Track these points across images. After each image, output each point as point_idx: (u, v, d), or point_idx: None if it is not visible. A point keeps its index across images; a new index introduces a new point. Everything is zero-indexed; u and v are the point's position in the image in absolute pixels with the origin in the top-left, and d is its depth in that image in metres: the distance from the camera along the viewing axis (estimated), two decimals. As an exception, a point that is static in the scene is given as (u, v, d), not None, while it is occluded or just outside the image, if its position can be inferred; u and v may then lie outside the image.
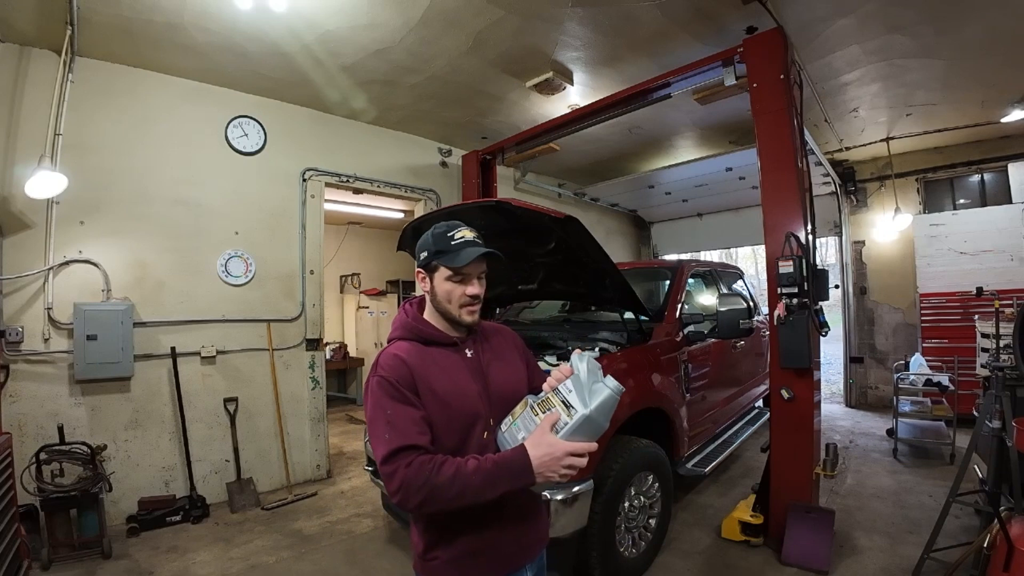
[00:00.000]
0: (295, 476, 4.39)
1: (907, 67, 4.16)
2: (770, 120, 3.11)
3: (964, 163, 6.18)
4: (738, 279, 5.25)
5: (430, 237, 1.34)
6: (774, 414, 3.13)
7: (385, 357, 1.26)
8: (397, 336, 1.35)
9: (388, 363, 1.24)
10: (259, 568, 3.02)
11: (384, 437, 1.15)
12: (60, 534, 3.05)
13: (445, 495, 1.10)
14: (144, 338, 3.73)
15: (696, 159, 5.96)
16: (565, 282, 3.36)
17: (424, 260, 1.33)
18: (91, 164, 3.58)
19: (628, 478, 2.69)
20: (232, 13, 3.16)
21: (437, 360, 1.29)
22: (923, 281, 5.94)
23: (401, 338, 1.33)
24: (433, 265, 1.31)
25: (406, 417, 1.17)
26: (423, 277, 1.35)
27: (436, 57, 3.84)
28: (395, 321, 1.39)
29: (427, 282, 1.34)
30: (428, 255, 1.32)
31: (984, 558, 2.18)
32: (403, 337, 1.33)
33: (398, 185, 5.38)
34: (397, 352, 1.26)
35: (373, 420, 1.20)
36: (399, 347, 1.29)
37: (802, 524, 2.89)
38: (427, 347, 1.30)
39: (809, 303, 2.96)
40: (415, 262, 1.39)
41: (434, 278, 1.32)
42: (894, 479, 4.08)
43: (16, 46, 3.36)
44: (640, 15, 3.39)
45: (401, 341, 1.32)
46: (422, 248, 1.34)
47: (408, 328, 1.34)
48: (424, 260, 1.33)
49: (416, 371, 1.23)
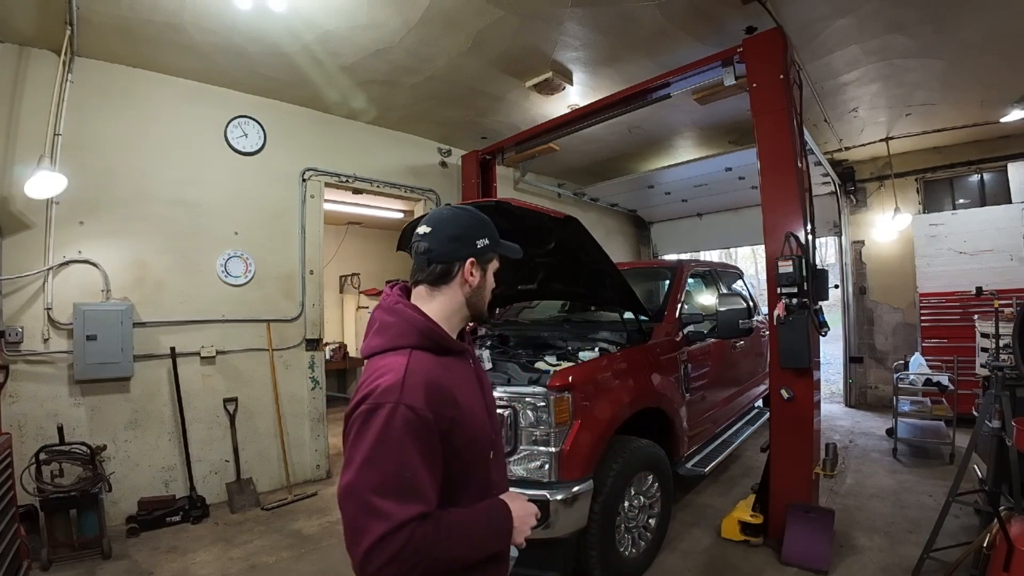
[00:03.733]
0: (295, 476, 4.39)
1: (907, 67, 4.17)
2: (770, 120, 3.12)
3: (963, 163, 6.18)
4: (738, 279, 5.25)
5: (477, 222, 1.14)
6: (774, 414, 3.13)
7: (415, 379, 0.95)
8: (413, 344, 1.03)
9: (423, 389, 0.95)
10: (259, 568, 3.02)
11: (395, 494, 0.88)
12: (60, 534, 3.04)
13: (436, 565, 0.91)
14: (144, 338, 3.73)
15: (696, 159, 5.96)
16: (565, 282, 3.36)
17: (482, 248, 1.12)
18: (91, 164, 3.58)
19: (628, 478, 2.69)
20: (232, 13, 3.16)
21: (456, 374, 1.07)
22: (922, 281, 5.94)
23: (418, 347, 1.03)
24: (489, 256, 1.15)
25: (426, 475, 0.92)
26: (475, 269, 1.12)
27: (436, 57, 3.84)
28: (399, 321, 1.07)
29: (476, 275, 1.12)
30: (490, 243, 1.13)
31: (984, 558, 2.19)
32: (420, 346, 1.03)
33: (398, 185, 5.38)
34: (427, 371, 0.98)
35: (377, 463, 0.89)
36: (423, 362, 1.00)
37: (802, 524, 2.89)
38: (441, 357, 1.06)
39: (809, 303, 2.96)
40: (468, 248, 1.11)
41: (487, 270, 1.15)
42: (894, 479, 4.09)
43: (16, 46, 3.35)
44: (640, 15, 3.39)
45: (419, 351, 1.02)
46: (477, 234, 1.12)
47: (426, 334, 1.05)
48: (482, 248, 1.12)
49: (450, 396, 1.00)
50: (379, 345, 1.06)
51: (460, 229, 1.12)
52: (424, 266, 1.10)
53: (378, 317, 1.10)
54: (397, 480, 0.89)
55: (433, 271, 1.10)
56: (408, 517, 0.87)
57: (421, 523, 0.88)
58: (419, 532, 0.88)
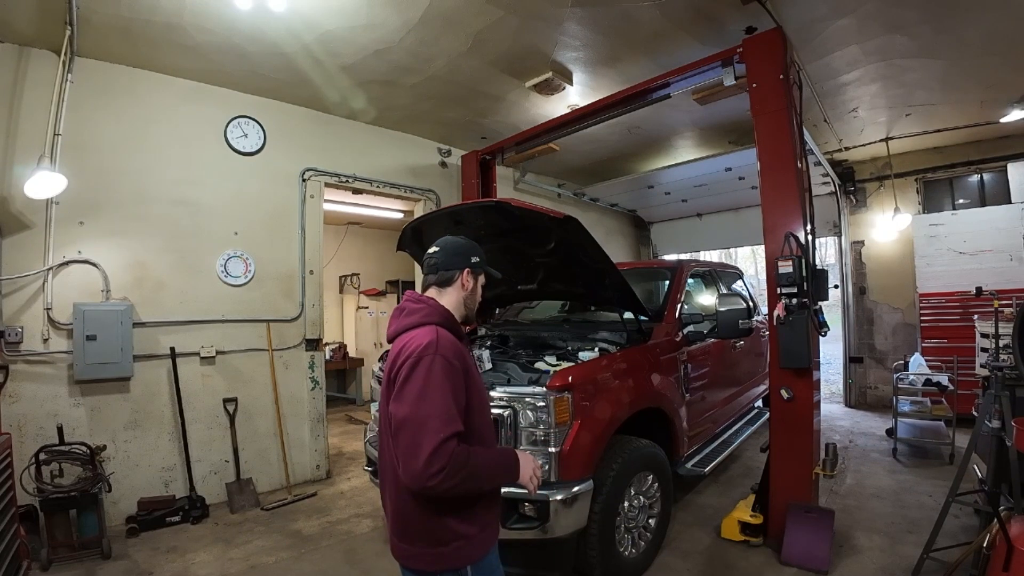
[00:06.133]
0: (295, 476, 4.39)
1: (906, 67, 4.17)
2: (769, 120, 3.12)
3: (963, 163, 6.18)
4: (737, 279, 5.25)
5: (473, 246, 1.56)
6: (774, 414, 3.13)
7: (446, 340, 1.33)
8: (440, 322, 1.39)
9: (452, 348, 1.32)
10: (259, 568, 3.02)
11: (442, 417, 1.21)
12: (59, 535, 3.04)
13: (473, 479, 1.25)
14: (143, 338, 3.73)
15: (695, 159, 5.96)
16: (565, 282, 3.36)
17: (476, 263, 1.54)
18: (90, 164, 3.58)
19: (628, 478, 2.69)
20: (231, 13, 3.16)
21: (468, 354, 1.42)
22: (922, 281, 5.94)
23: (443, 325, 1.39)
24: (479, 270, 1.56)
25: (459, 404, 1.27)
26: (469, 276, 1.53)
27: (435, 57, 3.84)
28: (426, 307, 1.43)
29: (470, 282, 1.53)
30: (480, 261, 1.56)
31: (984, 558, 2.19)
32: (444, 325, 1.40)
33: (397, 185, 5.38)
34: (451, 339, 1.35)
35: (427, 397, 1.24)
36: (447, 334, 1.36)
37: (802, 524, 2.89)
38: (455, 338, 1.40)
39: (809, 303, 2.96)
40: (465, 261, 1.53)
41: (478, 280, 1.56)
42: (893, 479, 4.09)
43: (15, 46, 3.36)
44: (640, 15, 3.39)
45: (444, 329, 1.38)
46: (473, 253, 1.55)
47: (447, 317, 1.43)
48: (476, 263, 1.54)
49: (466, 362, 1.35)
50: (410, 323, 1.40)
51: (460, 248, 1.55)
52: (433, 272, 1.52)
53: (406, 305, 1.46)
54: (443, 409, 1.23)
55: (441, 275, 1.51)
56: (453, 432, 1.21)
57: (459, 441, 1.22)
58: (460, 448, 1.22)
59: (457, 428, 1.22)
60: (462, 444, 1.23)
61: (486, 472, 1.31)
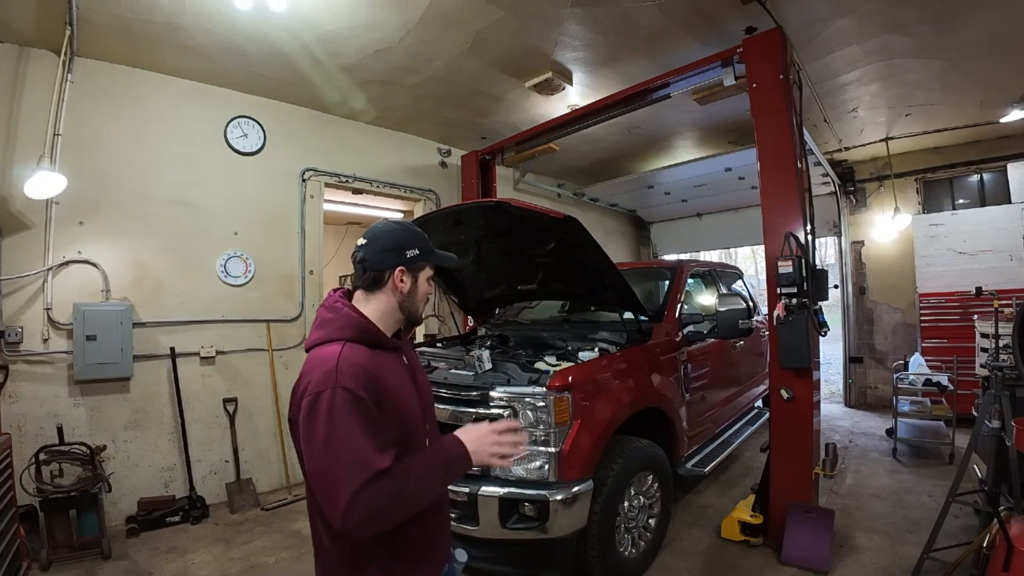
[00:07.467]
0: (295, 476, 4.38)
1: (906, 67, 4.17)
2: (769, 120, 3.12)
3: (963, 163, 6.18)
4: (737, 279, 5.25)
5: (408, 235, 1.28)
6: (774, 414, 3.13)
7: (346, 364, 1.10)
8: (349, 337, 1.18)
9: (352, 372, 1.09)
10: (259, 568, 3.02)
11: (352, 465, 1.03)
12: (59, 535, 3.05)
13: (409, 507, 1.10)
14: (143, 338, 3.73)
15: (695, 159, 5.96)
16: (565, 282, 3.36)
17: (411, 258, 1.26)
18: (90, 164, 3.58)
19: (628, 478, 2.69)
20: (231, 13, 3.16)
21: (386, 365, 1.20)
22: (922, 281, 5.94)
23: (351, 339, 1.17)
24: (420, 264, 1.28)
25: (373, 439, 1.07)
26: (404, 276, 1.26)
27: (435, 57, 3.84)
28: (338, 317, 1.21)
29: (407, 281, 1.26)
30: (419, 253, 1.27)
31: (984, 558, 2.19)
32: (353, 339, 1.18)
33: (397, 185, 5.38)
34: (356, 358, 1.13)
35: (332, 443, 1.04)
36: (354, 351, 1.15)
37: (801, 524, 2.89)
38: (373, 350, 1.19)
39: (808, 303, 2.96)
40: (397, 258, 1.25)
41: (418, 277, 1.29)
42: (893, 479, 4.09)
43: (15, 46, 3.35)
44: (640, 15, 3.39)
45: (352, 343, 1.17)
46: (406, 245, 1.26)
47: (361, 329, 1.20)
48: (411, 258, 1.26)
49: (376, 379, 1.13)
50: (319, 337, 1.21)
51: (391, 241, 1.26)
52: (360, 274, 1.26)
53: (320, 314, 1.25)
54: (351, 456, 1.04)
55: (368, 278, 1.25)
56: (367, 478, 1.02)
57: (383, 477, 1.04)
58: (381, 488, 1.04)
59: (370, 473, 1.03)
60: (384, 479, 1.04)
61: (424, 487, 1.13)
